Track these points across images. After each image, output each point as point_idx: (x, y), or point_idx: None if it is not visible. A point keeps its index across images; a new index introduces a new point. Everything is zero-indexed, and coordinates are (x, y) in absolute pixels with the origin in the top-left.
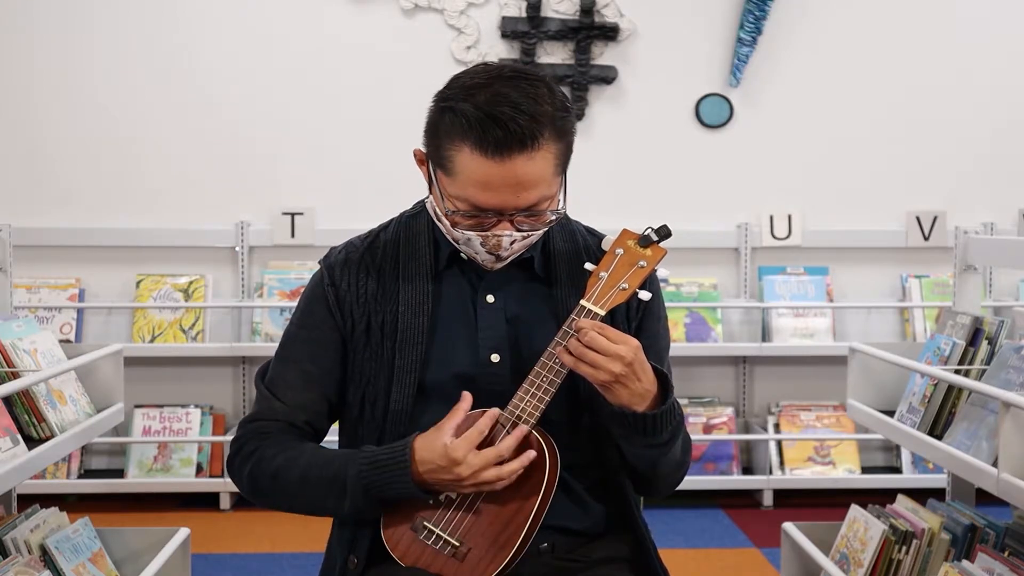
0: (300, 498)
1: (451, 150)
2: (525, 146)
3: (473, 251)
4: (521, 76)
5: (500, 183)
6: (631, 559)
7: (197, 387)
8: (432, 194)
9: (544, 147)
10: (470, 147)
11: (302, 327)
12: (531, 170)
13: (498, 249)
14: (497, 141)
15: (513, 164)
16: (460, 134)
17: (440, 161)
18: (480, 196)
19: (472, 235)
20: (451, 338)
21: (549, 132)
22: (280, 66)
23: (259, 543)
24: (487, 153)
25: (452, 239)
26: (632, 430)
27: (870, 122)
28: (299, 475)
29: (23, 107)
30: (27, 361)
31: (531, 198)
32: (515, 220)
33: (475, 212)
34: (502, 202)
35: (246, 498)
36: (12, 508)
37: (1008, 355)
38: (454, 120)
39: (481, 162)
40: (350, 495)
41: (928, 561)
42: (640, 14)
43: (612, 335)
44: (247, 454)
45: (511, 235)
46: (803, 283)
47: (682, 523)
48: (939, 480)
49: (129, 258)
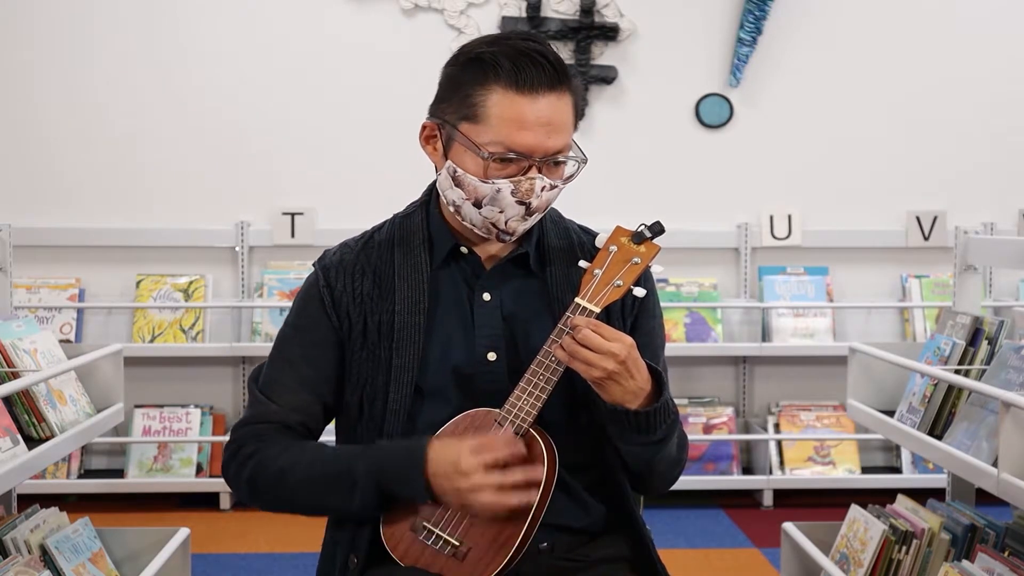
0: (305, 496)
1: (481, 95)
2: (555, 85)
3: (499, 209)
4: (532, 36)
5: (533, 121)
6: (631, 558)
7: (197, 387)
8: (451, 159)
9: (567, 92)
10: (503, 86)
11: (297, 329)
12: (559, 112)
13: (530, 196)
14: (530, 78)
15: (545, 101)
16: (492, 76)
17: (467, 112)
18: (515, 136)
19: (503, 184)
20: (448, 337)
21: (569, 80)
22: (280, 66)
23: (259, 543)
24: (522, 90)
25: (476, 200)
26: (627, 428)
27: (870, 122)
28: (304, 472)
29: (23, 107)
30: (27, 361)
31: (558, 143)
32: (542, 170)
33: (510, 155)
34: (535, 142)
35: (243, 502)
36: (12, 508)
37: (1008, 355)
38: (482, 65)
39: (515, 99)
40: (360, 489)
41: (928, 561)
42: (640, 14)
43: (606, 332)
44: (245, 457)
45: (543, 180)
46: (803, 283)
47: (682, 523)
48: (939, 480)
49: (129, 258)
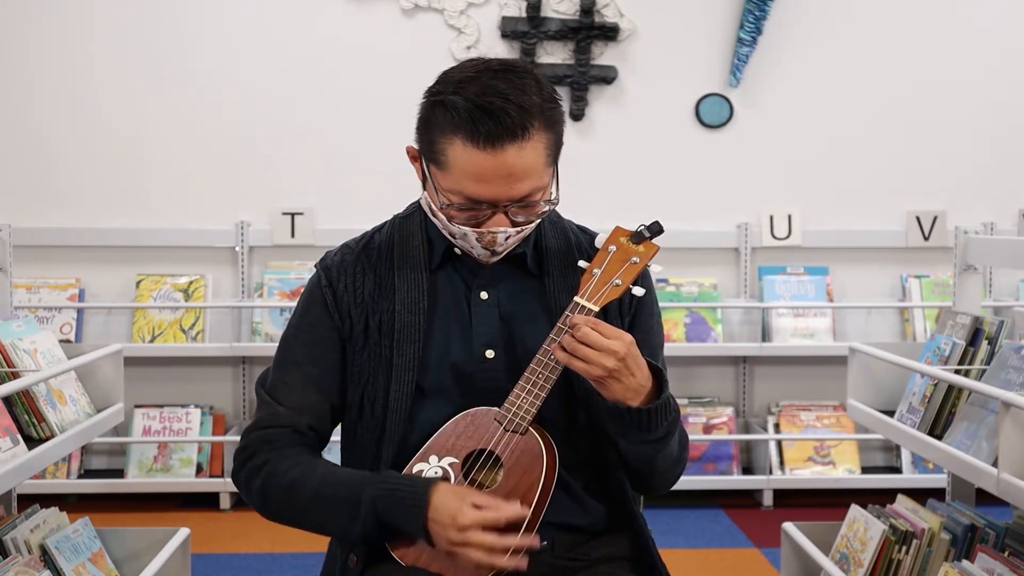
0: (311, 515)
1: (443, 143)
2: (516, 136)
3: (469, 246)
4: (509, 69)
5: (492, 174)
6: (631, 557)
7: (197, 387)
8: (426, 190)
9: (535, 137)
10: (462, 139)
11: (301, 329)
12: (522, 160)
13: (493, 245)
14: (488, 132)
15: (505, 155)
16: (451, 127)
17: (433, 155)
18: (473, 188)
19: (468, 230)
20: (447, 336)
21: (539, 123)
22: (280, 66)
23: (259, 543)
24: (479, 144)
25: (448, 234)
26: (628, 425)
27: (870, 122)
28: (312, 492)
29: (23, 107)
30: (27, 361)
31: (524, 189)
32: (509, 212)
33: (469, 205)
34: (495, 194)
35: (254, 509)
36: (12, 508)
37: (1008, 355)
38: (445, 113)
39: (473, 154)
40: (363, 517)
41: (928, 561)
42: (640, 14)
43: (605, 330)
44: (256, 467)
45: (505, 231)
46: (803, 283)
47: (682, 523)
48: (939, 480)
49: (129, 258)
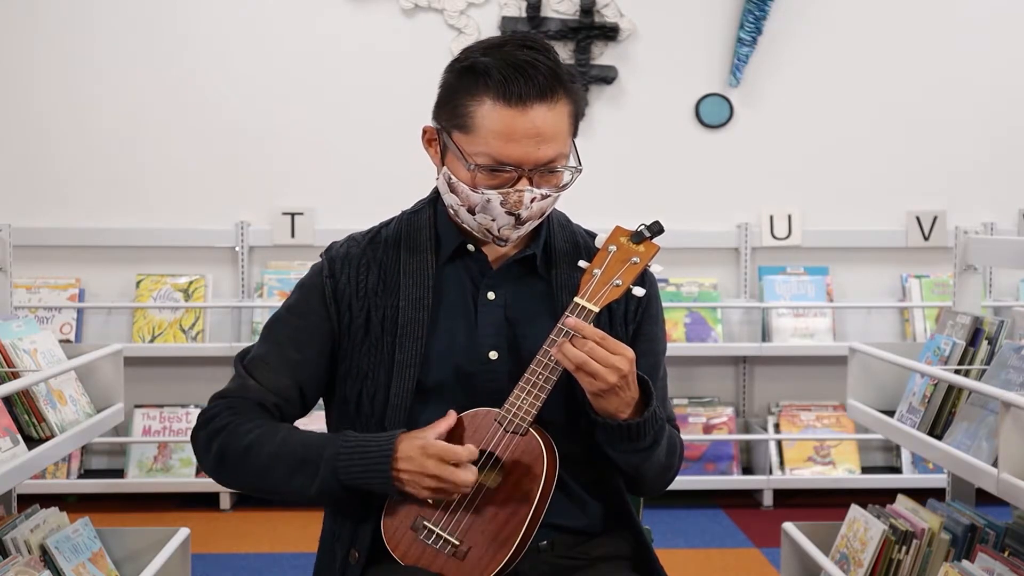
0: (268, 475)
1: (471, 106)
2: (545, 96)
3: (491, 217)
4: (532, 41)
5: (521, 133)
6: (631, 557)
7: (197, 387)
8: (446, 164)
9: (561, 101)
10: (492, 98)
11: (291, 312)
12: (550, 121)
13: (519, 207)
14: (519, 90)
15: (534, 113)
16: (482, 86)
17: (458, 120)
18: (502, 148)
19: (492, 195)
20: (451, 334)
21: (563, 90)
22: (280, 66)
23: (259, 543)
24: (509, 102)
25: (469, 207)
26: (615, 436)
27: (870, 122)
28: (271, 453)
29: (23, 107)
30: (27, 361)
31: (549, 152)
32: (534, 179)
33: (496, 166)
34: (523, 154)
35: (207, 472)
36: (12, 508)
37: (1008, 355)
38: (474, 76)
39: (503, 111)
40: (321, 474)
41: (928, 561)
42: (640, 14)
43: (611, 346)
44: (217, 428)
45: (531, 191)
46: (803, 283)
47: (682, 523)
48: (939, 480)
49: (129, 258)
